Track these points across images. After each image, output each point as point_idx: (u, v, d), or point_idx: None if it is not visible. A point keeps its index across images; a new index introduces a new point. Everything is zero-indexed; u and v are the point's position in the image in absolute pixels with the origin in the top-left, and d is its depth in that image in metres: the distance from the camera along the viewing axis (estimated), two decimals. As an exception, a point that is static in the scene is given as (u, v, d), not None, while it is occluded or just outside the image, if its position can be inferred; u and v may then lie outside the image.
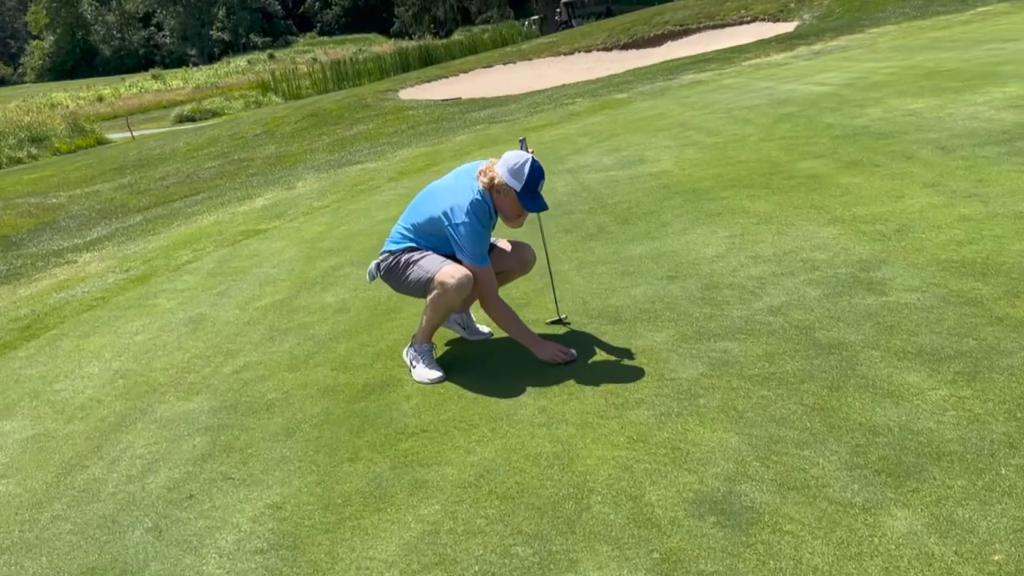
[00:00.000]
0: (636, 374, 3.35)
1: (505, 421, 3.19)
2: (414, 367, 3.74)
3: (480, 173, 3.55)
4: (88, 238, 9.55)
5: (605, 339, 3.76)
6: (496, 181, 3.47)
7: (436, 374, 3.66)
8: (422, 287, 3.60)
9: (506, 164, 3.46)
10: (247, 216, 8.50)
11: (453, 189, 3.58)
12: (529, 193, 3.47)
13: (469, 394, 3.48)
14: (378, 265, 3.79)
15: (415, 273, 3.60)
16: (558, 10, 44.55)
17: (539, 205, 3.51)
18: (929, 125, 6.43)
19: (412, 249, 3.67)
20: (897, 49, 11.54)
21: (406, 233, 3.72)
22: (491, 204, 3.53)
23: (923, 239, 4.17)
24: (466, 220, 3.45)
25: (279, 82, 37.81)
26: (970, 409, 2.67)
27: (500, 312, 3.62)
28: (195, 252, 7.21)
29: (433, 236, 3.63)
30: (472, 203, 3.47)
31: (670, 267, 4.51)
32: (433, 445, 3.11)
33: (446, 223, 3.49)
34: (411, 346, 3.80)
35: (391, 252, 3.73)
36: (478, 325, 4.11)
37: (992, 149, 5.47)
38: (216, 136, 20.12)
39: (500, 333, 4.01)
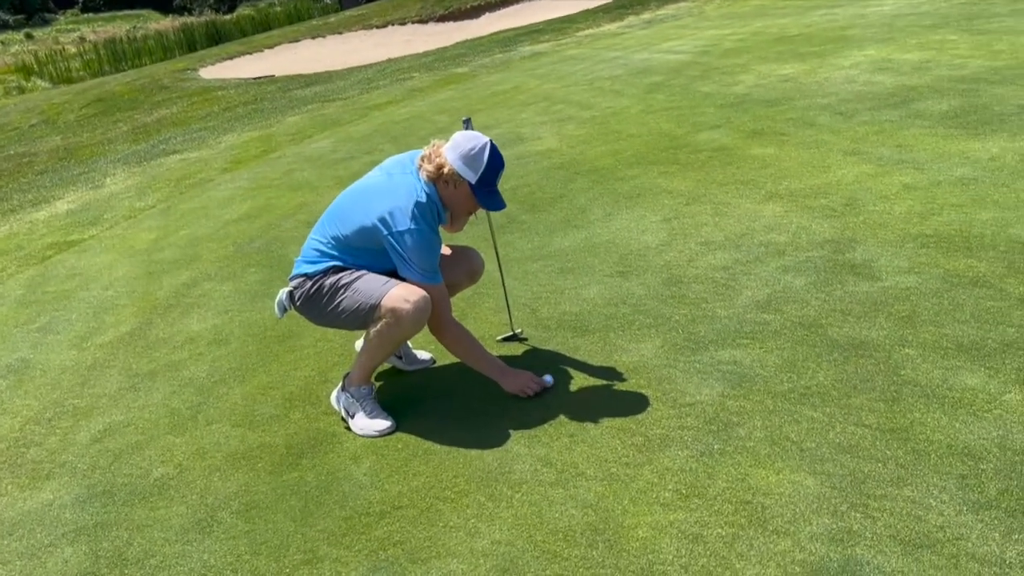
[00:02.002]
0: (641, 401, 2.77)
1: (502, 482, 2.51)
2: (352, 416, 2.95)
3: (423, 159, 2.80)
4: None
5: (579, 356, 3.15)
6: (445, 170, 2.75)
7: (384, 424, 2.89)
8: (360, 318, 2.81)
9: (457, 149, 2.74)
10: (51, 224, 7.04)
11: (388, 189, 2.81)
12: (485, 187, 2.78)
13: (438, 448, 2.76)
14: (290, 294, 2.93)
15: (349, 300, 2.80)
16: (362, -20, 42.62)
17: (497, 203, 2.83)
18: (811, 90, 6.32)
19: (338, 269, 2.86)
20: (729, 16, 11.68)
21: (326, 249, 2.89)
22: (438, 201, 2.80)
23: (880, 212, 3.89)
24: (412, 227, 2.70)
25: (44, 64, 33.95)
26: (1063, 415, 2.33)
27: (458, 339, 2.92)
28: (-9, 275, 5.79)
29: (364, 251, 2.85)
30: (417, 204, 2.73)
31: (614, 261, 3.97)
32: (417, 528, 2.37)
33: (385, 232, 2.72)
34: (343, 390, 3.00)
35: (307, 275, 2.89)
36: (415, 351, 3.37)
37: (891, 112, 5.38)
38: (-20, 128, 17.28)
39: (444, 358, 3.31)
